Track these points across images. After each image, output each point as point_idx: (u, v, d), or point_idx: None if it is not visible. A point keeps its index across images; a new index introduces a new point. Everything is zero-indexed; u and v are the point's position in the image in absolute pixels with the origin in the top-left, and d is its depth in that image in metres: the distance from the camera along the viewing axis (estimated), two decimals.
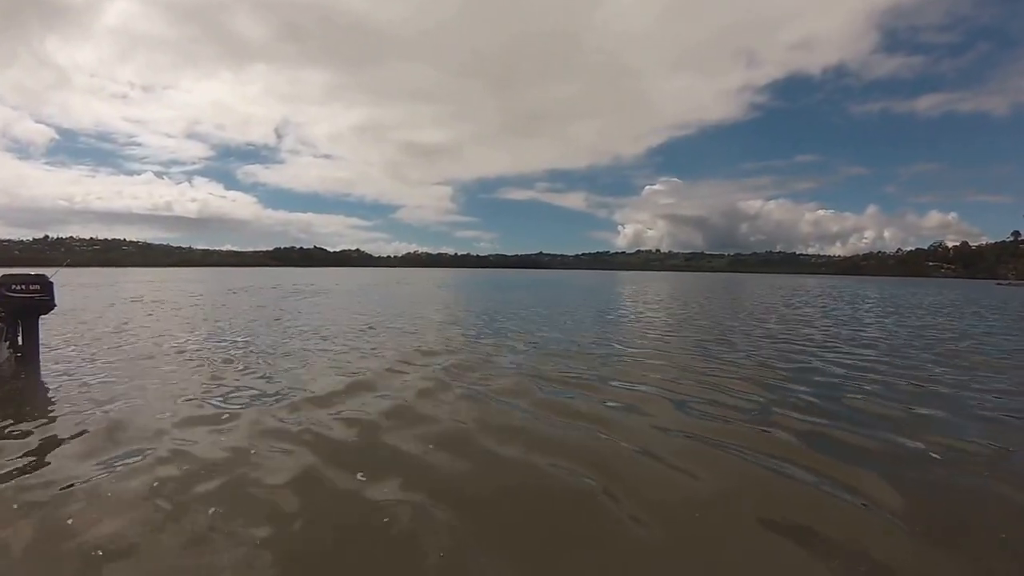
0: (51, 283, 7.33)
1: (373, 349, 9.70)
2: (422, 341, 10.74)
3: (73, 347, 9.31)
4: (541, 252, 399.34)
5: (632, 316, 17.42)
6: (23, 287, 7.16)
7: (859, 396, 6.62)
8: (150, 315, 15.87)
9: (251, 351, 9.25)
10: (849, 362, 8.98)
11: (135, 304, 19.78)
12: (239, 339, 10.73)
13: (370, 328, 12.87)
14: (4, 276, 7.20)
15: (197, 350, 9.27)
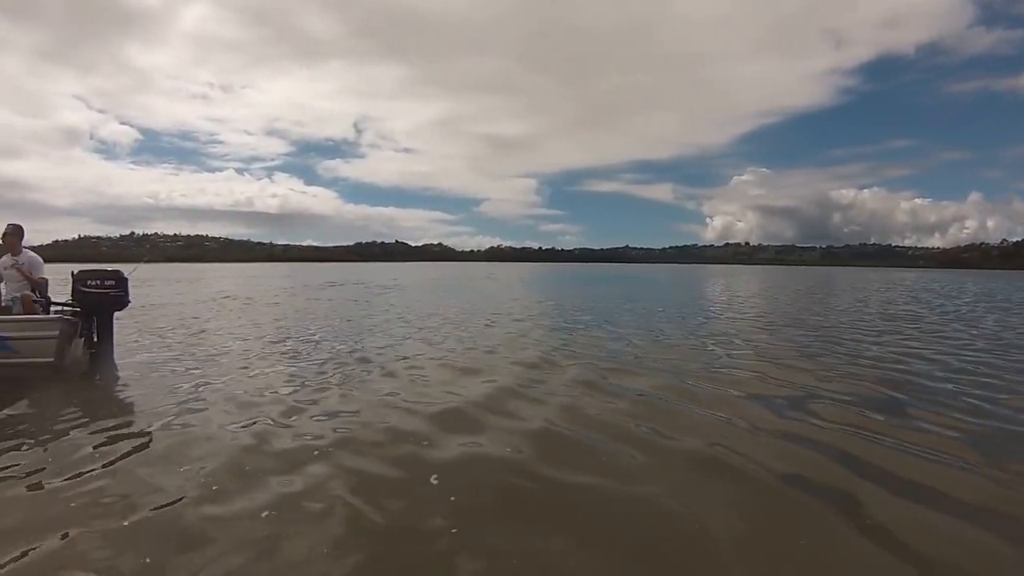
0: (126, 279, 7.52)
1: (498, 346, 9.84)
2: (544, 339, 10.71)
3: (152, 342, 9.64)
4: (627, 245, 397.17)
5: (736, 312, 17.20)
6: (98, 283, 7.35)
7: None
8: (230, 310, 16.46)
9: (344, 349, 9.33)
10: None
11: (216, 300, 20.45)
12: (329, 336, 10.86)
13: (488, 326, 12.88)
14: (80, 272, 7.42)
15: (273, 345, 9.46)
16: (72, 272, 7.46)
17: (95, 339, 7.71)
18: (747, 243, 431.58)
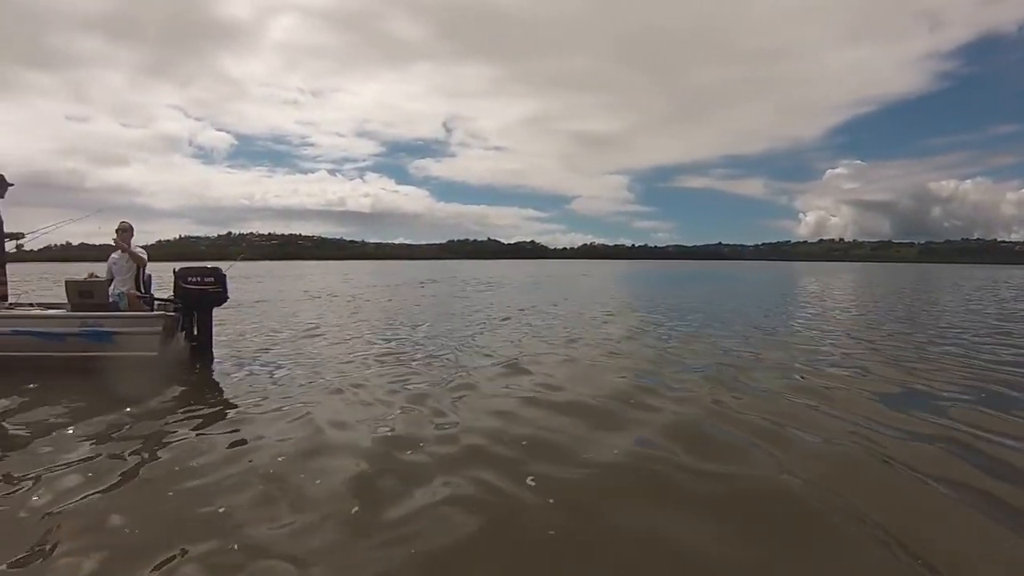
0: (224, 276, 7.88)
1: (614, 342, 9.99)
2: (660, 337, 10.79)
3: (251, 337, 10.11)
4: (720, 243, 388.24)
5: (841, 310, 16.88)
6: (198, 280, 7.74)
7: None
8: (328, 306, 16.99)
9: (452, 344, 9.58)
10: None
11: (315, 296, 21.16)
12: (434, 332, 11.16)
13: (600, 323, 12.96)
14: (181, 269, 7.82)
15: (377, 340, 9.78)
16: (174, 270, 7.86)
17: (195, 333, 8.11)
18: (841, 239, 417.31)
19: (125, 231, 7.76)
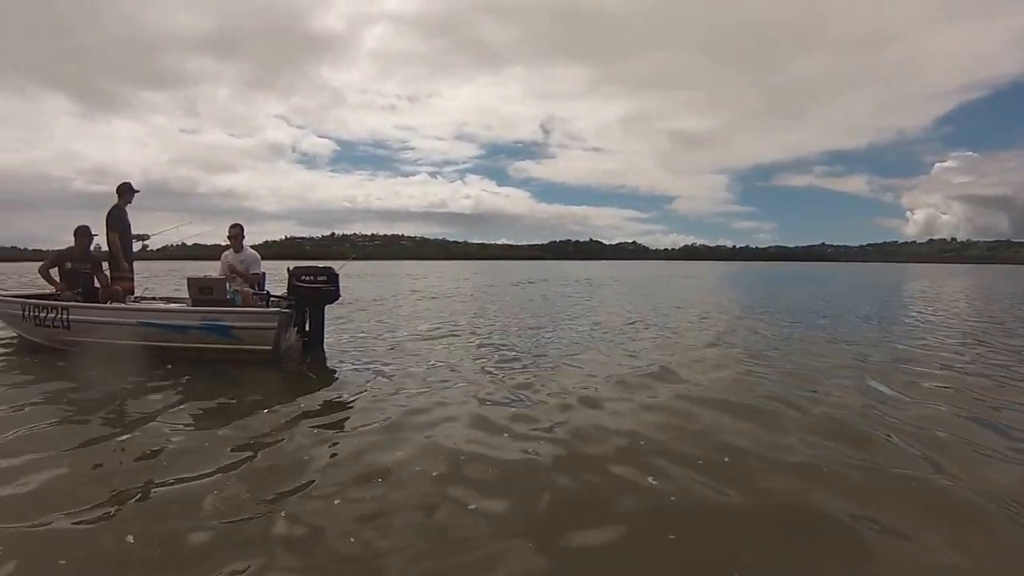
0: (337, 275, 8.14)
1: (747, 345, 9.71)
2: (796, 341, 10.34)
3: (357, 335, 10.31)
4: (823, 243, 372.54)
5: (973, 318, 15.22)
6: (311, 278, 8.05)
7: None
8: (437, 306, 17.11)
9: (557, 345, 9.49)
10: None
11: (418, 296, 21.45)
12: (542, 333, 11.05)
13: (726, 325, 12.59)
14: (295, 268, 8.16)
15: (486, 341, 9.74)
16: (288, 268, 8.18)
17: (307, 329, 8.45)
18: (953, 239, 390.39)
19: (236, 236, 8.39)
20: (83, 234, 8.54)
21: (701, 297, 22.24)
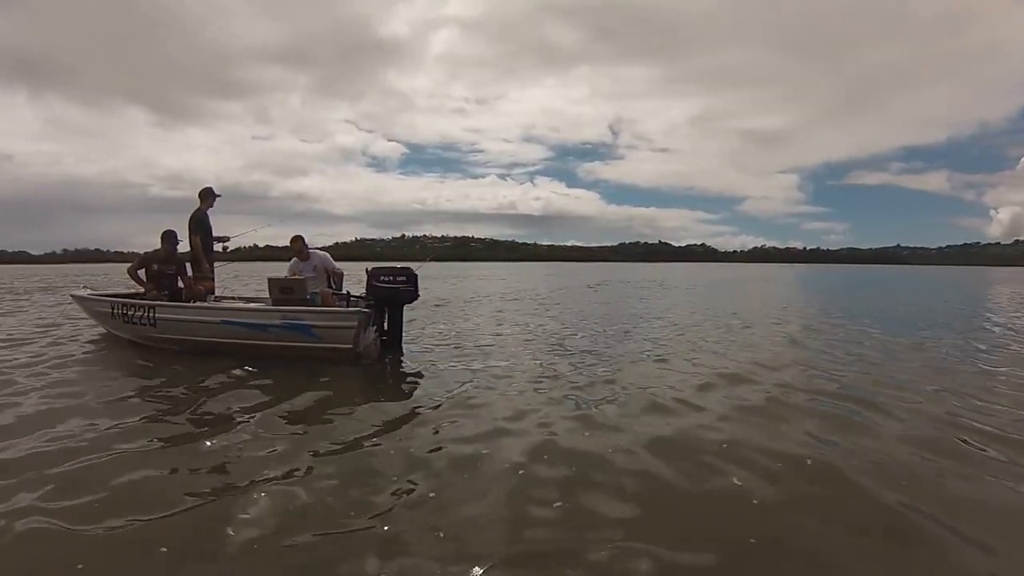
0: (416, 276, 8.19)
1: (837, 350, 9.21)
2: (904, 348, 9.65)
3: (435, 335, 10.31)
4: (898, 245, 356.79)
5: None
6: (391, 278, 8.11)
7: None
8: (509, 307, 17.06)
9: (639, 347, 9.28)
10: None
11: (493, 297, 21.50)
12: (629, 333, 10.92)
13: (812, 330, 11.89)
14: (375, 268, 8.22)
15: (563, 343, 9.52)
16: (366, 269, 8.28)
17: (386, 329, 8.47)
18: None
19: (300, 251, 8.62)
20: (169, 237, 8.94)
21: (778, 300, 21.55)
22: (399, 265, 8.37)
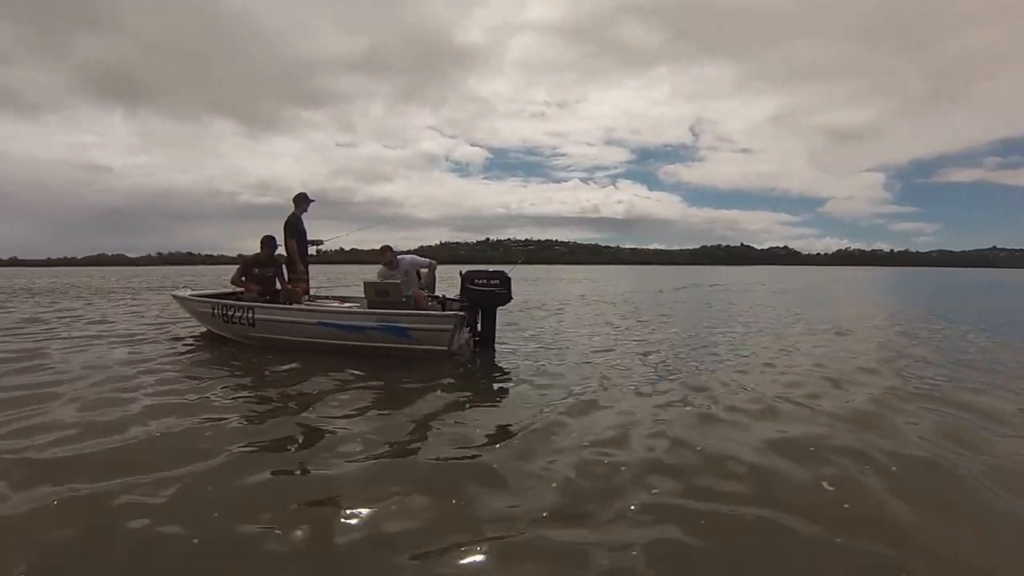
0: (509, 278, 8.23)
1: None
2: None
3: (525, 336, 10.30)
4: (994, 246, 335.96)
5: None
6: (484, 281, 8.20)
7: None
8: (598, 310, 16.80)
9: (716, 349, 9.03)
10: None
11: (582, 300, 21.17)
12: (702, 336, 10.63)
13: (919, 337, 10.97)
14: (468, 271, 8.35)
15: (654, 347, 9.25)
16: (461, 272, 8.41)
17: (479, 330, 8.58)
18: None
19: (390, 261, 8.80)
20: (268, 242, 9.30)
21: (870, 303, 20.73)
22: (492, 268, 8.44)
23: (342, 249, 10.46)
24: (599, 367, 7.42)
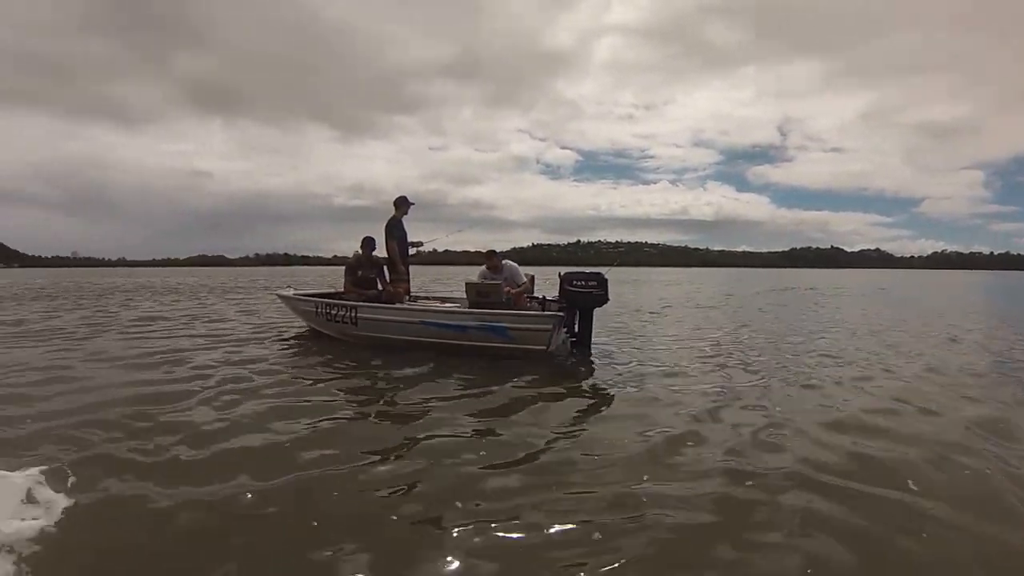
0: (606, 280, 8.25)
1: None
2: None
3: (622, 338, 10.31)
4: None
5: None
6: (583, 283, 8.23)
7: None
8: (694, 314, 16.43)
9: (825, 357, 8.64)
10: None
11: (675, 303, 20.89)
12: (806, 343, 10.22)
13: None
14: (566, 273, 8.41)
15: (754, 354, 8.94)
16: (559, 273, 8.49)
17: (576, 331, 8.65)
18: None
19: (495, 267, 8.87)
20: (368, 243, 9.73)
21: (976, 310, 19.12)
22: (589, 270, 8.48)
23: (435, 250, 10.71)
24: (691, 368, 7.44)
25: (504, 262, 8.98)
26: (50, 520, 3.01)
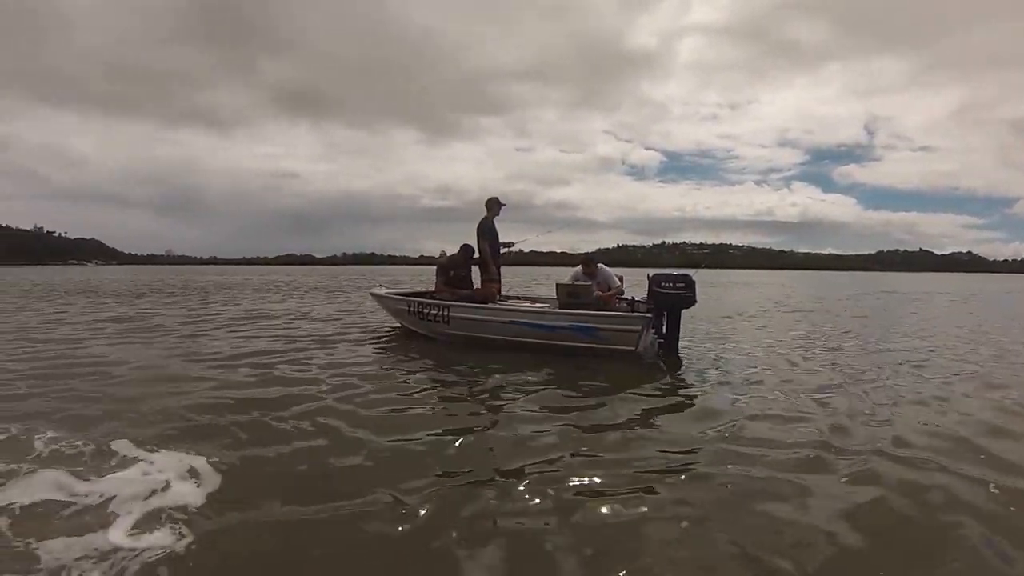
0: (694, 282, 8.28)
1: None
2: None
3: (709, 340, 10.32)
4: None
5: None
6: (671, 284, 8.30)
7: None
8: (785, 318, 16.08)
9: (928, 367, 8.19)
10: None
11: (760, 303, 20.82)
12: (904, 351, 9.67)
13: None
14: (655, 275, 8.50)
15: (850, 360, 8.68)
16: (648, 275, 8.62)
17: (664, 331, 8.69)
18: None
19: (591, 273, 8.92)
20: (465, 249, 9.96)
21: None
22: (677, 272, 8.53)
23: (521, 251, 10.84)
24: (781, 372, 7.40)
25: (598, 266, 9.06)
26: (197, 500, 3.32)
